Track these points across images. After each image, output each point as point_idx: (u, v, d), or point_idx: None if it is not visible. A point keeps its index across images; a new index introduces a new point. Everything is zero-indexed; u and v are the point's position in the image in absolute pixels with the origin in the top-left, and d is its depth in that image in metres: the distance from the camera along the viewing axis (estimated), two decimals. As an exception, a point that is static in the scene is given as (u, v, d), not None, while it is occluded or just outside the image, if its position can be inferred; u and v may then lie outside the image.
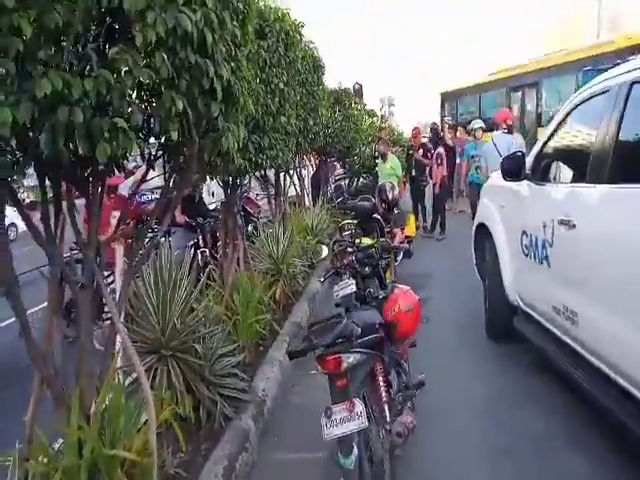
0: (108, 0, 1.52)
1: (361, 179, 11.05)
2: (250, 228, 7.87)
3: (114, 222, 2.80)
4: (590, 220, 2.81)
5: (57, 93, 1.43)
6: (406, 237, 7.16)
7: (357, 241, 4.00)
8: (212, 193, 9.00)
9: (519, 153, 3.65)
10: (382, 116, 12.14)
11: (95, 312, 2.43)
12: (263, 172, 5.48)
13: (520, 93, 17.32)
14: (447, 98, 21.56)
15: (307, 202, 9.18)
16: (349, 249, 3.68)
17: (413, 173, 8.93)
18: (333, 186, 11.15)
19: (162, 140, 2.09)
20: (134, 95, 1.81)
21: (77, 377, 2.14)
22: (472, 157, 8.81)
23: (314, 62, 5.69)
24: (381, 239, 5.44)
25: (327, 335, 2.25)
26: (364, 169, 10.69)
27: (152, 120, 1.84)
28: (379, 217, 5.32)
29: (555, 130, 3.51)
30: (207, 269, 4.80)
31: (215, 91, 1.89)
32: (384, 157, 9.22)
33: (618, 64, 9.37)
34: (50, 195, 2.04)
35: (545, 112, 15.34)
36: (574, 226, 2.92)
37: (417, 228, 8.09)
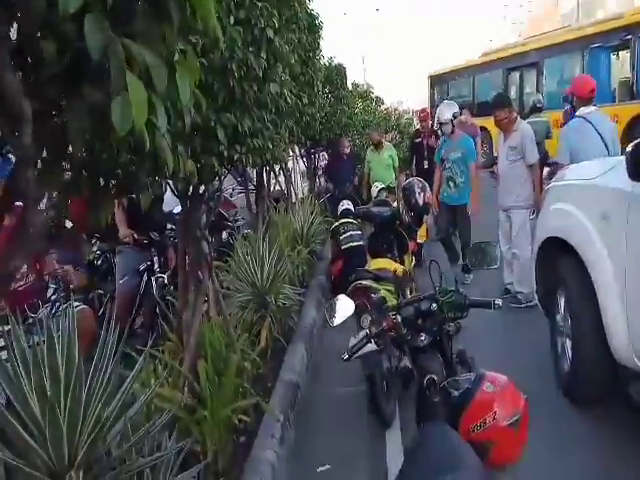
0: None
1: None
2: (225, 236, 6.37)
3: None
4: None
5: None
6: (416, 244, 5.78)
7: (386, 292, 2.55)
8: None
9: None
10: (377, 98, 10.64)
11: None
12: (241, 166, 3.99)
13: (518, 74, 16.08)
14: (437, 81, 20.18)
15: (294, 199, 7.71)
16: (388, 302, 2.22)
17: (425, 165, 7.34)
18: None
19: None
20: None
21: None
22: (442, 161, 5.82)
23: (309, 18, 4.20)
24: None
25: None
26: (359, 157, 9.24)
27: None
28: (401, 229, 3.88)
29: None
30: (163, 308, 3.36)
31: None
32: (378, 146, 7.78)
33: (630, 40, 7.63)
34: None
35: (547, 94, 14.14)
36: None
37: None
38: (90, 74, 0.72)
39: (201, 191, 2.52)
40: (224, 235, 6.41)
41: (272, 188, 6.06)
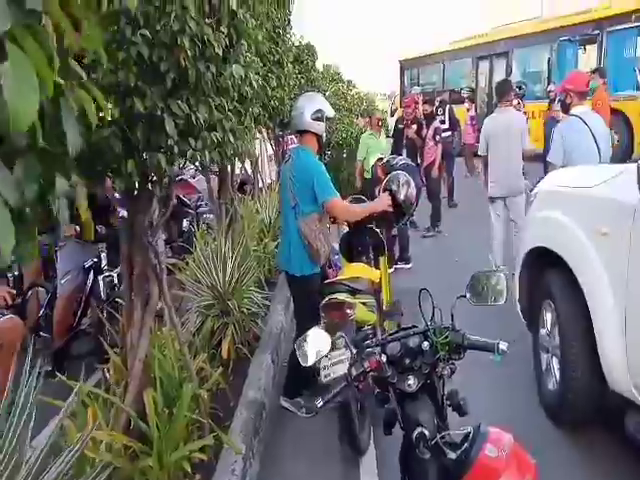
0: None
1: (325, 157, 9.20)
2: (185, 224, 5.92)
3: None
4: None
5: None
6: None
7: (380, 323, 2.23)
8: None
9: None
10: (349, 81, 10.17)
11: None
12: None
13: (488, 63, 15.97)
14: (407, 66, 19.89)
15: (261, 185, 7.30)
16: (363, 318, 1.88)
17: (404, 155, 7.04)
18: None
19: None
20: None
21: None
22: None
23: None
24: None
25: None
26: (328, 145, 8.84)
27: None
28: (377, 229, 3.56)
29: None
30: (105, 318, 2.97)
31: None
32: (374, 129, 6.91)
33: (597, 35, 7.97)
34: None
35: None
36: None
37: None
38: None
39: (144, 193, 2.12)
40: (185, 224, 5.96)
41: (237, 171, 5.60)
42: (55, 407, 1.99)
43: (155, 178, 2.14)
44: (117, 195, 3.77)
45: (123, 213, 3.91)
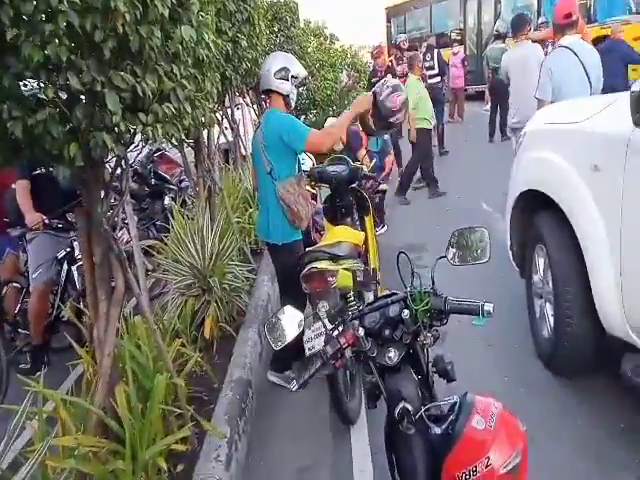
0: None
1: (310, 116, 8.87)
2: (167, 201, 5.73)
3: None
4: None
5: None
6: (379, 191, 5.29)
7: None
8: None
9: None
10: (331, 35, 9.67)
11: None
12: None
13: (475, 1, 15.23)
14: (393, 14, 19.09)
15: (244, 151, 7.01)
16: (350, 304, 1.71)
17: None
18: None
19: None
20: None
21: None
22: None
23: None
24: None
25: None
26: (313, 103, 8.50)
27: None
28: (360, 189, 3.37)
29: None
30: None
31: None
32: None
33: None
34: None
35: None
36: None
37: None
38: None
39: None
40: (166, 201, 5.77)
41: (217, 140, 5.33)
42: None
43: (104, 160, 1.95)
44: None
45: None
